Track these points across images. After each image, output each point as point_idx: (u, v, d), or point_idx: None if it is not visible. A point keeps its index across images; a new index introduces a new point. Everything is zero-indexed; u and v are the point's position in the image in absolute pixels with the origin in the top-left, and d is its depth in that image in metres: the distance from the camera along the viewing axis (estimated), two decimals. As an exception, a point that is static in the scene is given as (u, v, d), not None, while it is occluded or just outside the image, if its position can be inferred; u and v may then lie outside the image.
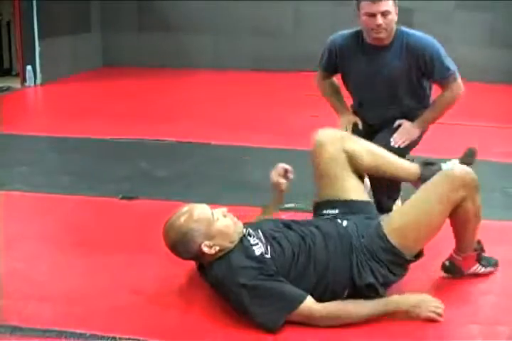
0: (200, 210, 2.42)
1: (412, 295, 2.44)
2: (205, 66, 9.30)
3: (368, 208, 2.71)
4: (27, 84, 7.42)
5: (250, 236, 2.43)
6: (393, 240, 2.42)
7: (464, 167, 2.58)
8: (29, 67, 7.40)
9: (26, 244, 2.99)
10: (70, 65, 8.36)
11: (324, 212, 2.68)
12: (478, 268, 2.71)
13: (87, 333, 2.22)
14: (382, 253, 2.42)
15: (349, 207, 2.65)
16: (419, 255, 2.50)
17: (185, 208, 2.44)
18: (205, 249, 2.34)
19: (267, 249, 2.38)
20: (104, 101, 6.77)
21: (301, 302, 2.27)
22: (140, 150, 4.77)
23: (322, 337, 2.27)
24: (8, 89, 7.24)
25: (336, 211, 2.65)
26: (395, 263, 2.43)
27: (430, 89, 3.37)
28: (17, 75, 7.62)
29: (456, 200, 2.44)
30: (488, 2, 9.16)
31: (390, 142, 3.12)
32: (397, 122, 3.24)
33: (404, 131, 3.21)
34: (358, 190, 2.71)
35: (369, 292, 2.39)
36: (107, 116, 5.88)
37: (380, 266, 2.41)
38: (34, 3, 7.25)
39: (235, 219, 2.45)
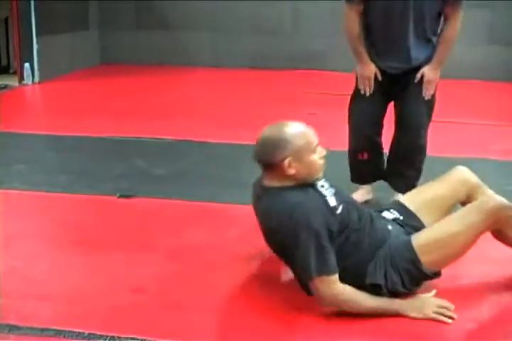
0: (310, 134, 2.39)
1: (417, 298, 2.43)
2: (203, 64, 9.29)
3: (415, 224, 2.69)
4: (25, 82, 7.40)
5: (325, 188, 2.43)
6: (418, 254, 2.42)
7: (501, 199, 2.51)
8: (27, 65, 7.38)
9: (25, 242, 2.99)
10: (68, 62, 8.34)
11: (385, 209, 2.75)
12: None
13: (85, 332, 2.21)
14: (402, 262, 2.42)
15: (405, 217, 2.69)
16: (436, 274, 2.49)
17: (303, 125, 2.41)
18: (286, 164, 2.32)
19: (338, 205, 2.38)
20: (102, 99, 6.76)
21: (334, 273, 2.29)
22: (138, 148, 4.76)
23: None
24: (5, 87, 7.22)
25: (395, 215, 2.69)
26: (410, 273, 2.42)
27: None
28: (15, 73, 7.60)
29: (485, 230, 2.47)
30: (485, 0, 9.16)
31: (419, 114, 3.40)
32: (419, 74, 3.35)
33: (430, 82, 3.37)
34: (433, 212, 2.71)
35: (372, 292, 2.38)
36: (105, 114, 5.87)
37: (394, 273, 2.41)
38: (32, 0, 7.24)
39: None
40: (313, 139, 2.39)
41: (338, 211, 2.37)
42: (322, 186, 2.44)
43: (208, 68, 9.10)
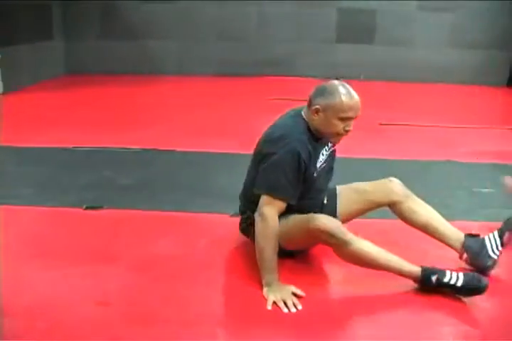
0: (350, 105, 2.61)
1: (285, 286, 2.57)
2: (169, 72, 9.25)
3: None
4: (-13, 93, 7.28)
5: (324, 155, 2.81)
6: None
7: (326, 223, 2.61)
8: (-11, 76, 7.27)
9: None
10: (32, 73, 8.23)
11: None
12: None
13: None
14: None
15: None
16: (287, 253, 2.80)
17: (356, 97, 2.64)
18: (313, 110, 2.66)
19: (320, 166, 2.77)
20: (67, 109, 6.66)
21: (282, 199, 2.63)
22: (104, 158, 4.67)
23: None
24: (-32, 98, 7.09)
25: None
26: None
27: None
28: (-23, 84, 7.47)
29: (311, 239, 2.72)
30: (449, 3, 9.27)
31: None
32: None
33: None
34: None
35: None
36: (70, 125, 5.78)
37: None
38: (-7, 10, 7.13)
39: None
40: (348, 110, 2.61)
41: (315, 174, 2.74)
42: (323, 154, 2.80)
43: (174, 76, 9.06)
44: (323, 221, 2.59)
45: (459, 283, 2.52)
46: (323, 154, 2.82)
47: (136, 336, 2.26)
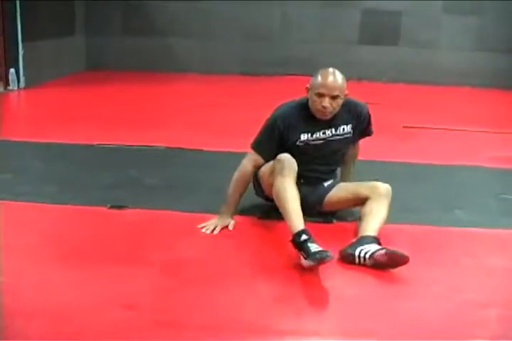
0: (325, 83, 3.15)
1: (229, 219, 3.25)
2: (192, 70, 9.22)
3: None
4: (10, 87, 7.30)
5: (319, 134, 3.28)
6: None
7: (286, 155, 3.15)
8: (12, 71, 7.28)
9: (12, 256, 2.86)
10: (54, 68, 8.24)
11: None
12: None
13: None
14: None
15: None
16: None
17: (332, 75, 3.18)
18: (305, 88, 3.25)
19: (312, 141, 3.27)
20: (89, 105, 6.65)
21: (259, 154, 3.30)
22: (128, 156, 4.64)
23: None
24: (-9, 92, 7.11)
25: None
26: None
27: None
28: (0, 79, 7.47)
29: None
30: (475, 6, 9.16)
31: None
32: None
33: None
34: None
35: None
36: (93, 122, 5.76)
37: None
38: (18, 4, 7.12)
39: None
40: (320, 87, 3.14)
41: (301, 142, 3.26)
42: (323, 133, 3.28)
43: (198, 74, 9.03)
44: (284, 154, 3.11)
45: (313, 250, 2.70)
46: (324, 133, 3.29)
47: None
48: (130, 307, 2.41)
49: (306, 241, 2.75)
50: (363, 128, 3.45)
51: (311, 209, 3.30)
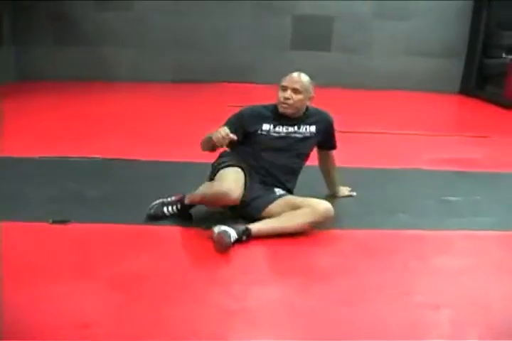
0: (287, 78, 3.51)
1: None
2: (123, 79, 9.10)
3: None
4: None
5: (282, 128, 3.54)
6: None
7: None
8: None
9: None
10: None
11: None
12: None
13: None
14: None
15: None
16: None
17: (296, 73, 3.52)
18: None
19: (272, 133, 3.52)
20: (18, 117, 6.44)
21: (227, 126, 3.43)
22: (66, 168, 4.50)
23: None
24: None
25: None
26: None
27: None
28: None
29: None
30: (404, 11, 9.39)
31: None
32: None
33: None
34: None
35: None
36: (23, 134, 5.59)
37: None
38: None
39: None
40: (284, 81, 3.49)
41: (260, 132, 3.50)
42: (286, 129, 3.54)
43: (129, 83, 8.92)
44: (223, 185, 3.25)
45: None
46: (287, 129, 3.53)
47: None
48: (85, 326, 2.33)
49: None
50: (327, 135, 3.69)
51: (250, 213, 3.36)
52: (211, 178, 3.51)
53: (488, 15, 9.35)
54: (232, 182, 3.27)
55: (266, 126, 3.52)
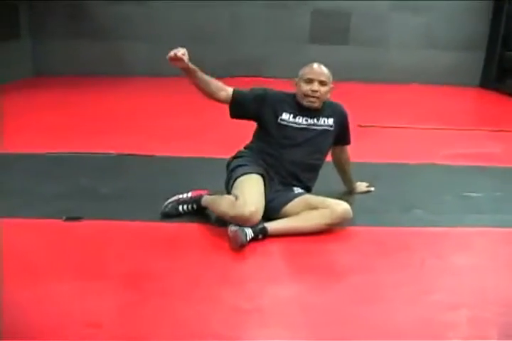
0: (311, 70, 3.44)
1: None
2: (139, 73, 9.08)
3: None
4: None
5: (301, 119, 3.46)
6: None
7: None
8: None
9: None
10: (-1, 73, 8.00)
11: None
12: None
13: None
14: None
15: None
16: None
17: (316, 64, 3.47)
18: (295, 81, 3.51)
19: (293, 123, 3.43)
20: (36, 112, 6.45)
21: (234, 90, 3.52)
22: (79, 164, 4.47)
23: None
24: None
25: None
26: None
27: None
28: None
29: None
30: (422, 4, 9.27)
31: None
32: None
33: None
34: None
35: None
36: (39, 129, 5.57)
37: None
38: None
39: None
40: (308, 73, 3.41)
41: (279, 120, 3.42)
42: (305, 120, 3.43)
43: (146, 77, 8.89)
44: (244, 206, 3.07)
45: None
46: (306, 120, 3.44)
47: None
48: (95, 325, 2.29)
49: None
50: (343, 129, 3.59)
51: (267, 213, 3.23)
52: (228, 189, 3.39)
53: (509, 7, 9.21)
54: (254, 200, 3.10)
55: (285, 115, 3.43)
